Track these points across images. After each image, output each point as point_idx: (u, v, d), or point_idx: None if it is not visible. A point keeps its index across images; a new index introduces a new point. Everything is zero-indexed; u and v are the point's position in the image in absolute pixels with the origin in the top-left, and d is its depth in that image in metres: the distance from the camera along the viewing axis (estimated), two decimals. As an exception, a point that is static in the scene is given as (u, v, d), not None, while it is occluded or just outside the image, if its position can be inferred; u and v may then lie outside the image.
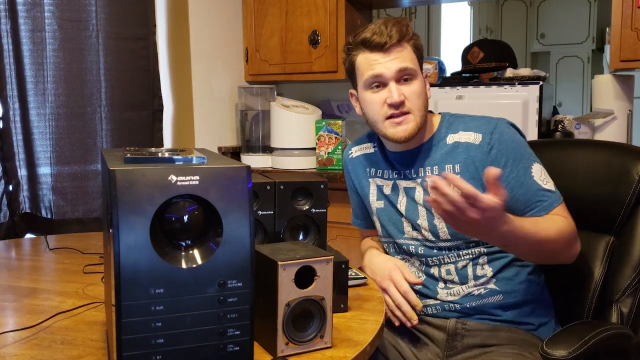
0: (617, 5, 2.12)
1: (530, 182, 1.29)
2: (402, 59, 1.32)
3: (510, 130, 1.35)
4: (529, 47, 6.10)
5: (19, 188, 2.13)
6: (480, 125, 1.35)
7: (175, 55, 2.60)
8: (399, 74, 1.32)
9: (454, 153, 1.35)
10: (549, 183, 1.31)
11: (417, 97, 1.34)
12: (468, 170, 1.33)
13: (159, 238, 0.76)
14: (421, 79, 1.36)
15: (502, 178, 1.21)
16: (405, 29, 1.33)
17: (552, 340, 1.13)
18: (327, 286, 0.95)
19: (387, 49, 1.32)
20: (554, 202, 1.29)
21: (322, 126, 2.52)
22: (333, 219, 2.35)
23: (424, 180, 1.37)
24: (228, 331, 0.80)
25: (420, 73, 1.36)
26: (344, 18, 2.60)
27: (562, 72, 5.94)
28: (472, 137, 1.34)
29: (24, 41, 2.07)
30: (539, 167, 1.32)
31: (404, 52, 1.33)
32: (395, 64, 1.32)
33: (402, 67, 1.32)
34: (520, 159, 1.31)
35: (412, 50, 1.35)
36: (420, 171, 1.39)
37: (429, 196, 1.18)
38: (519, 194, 1.29)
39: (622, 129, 2.31)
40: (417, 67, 1.35)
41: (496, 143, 1.31)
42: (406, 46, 1.34)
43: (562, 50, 5.93)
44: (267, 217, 1.14)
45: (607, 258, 1.39)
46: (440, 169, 1.36)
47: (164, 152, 0.88)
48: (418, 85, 1.34)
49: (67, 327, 1.05)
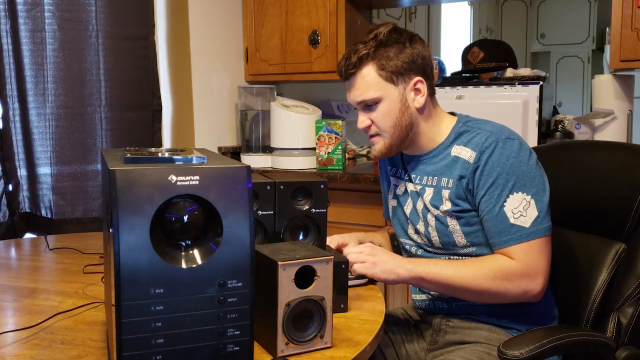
0: (617, 5, 2.11)
1: (497, 212, 1.27)
2: (361, 90, 1.34)
3: (507, 152, 1.28)
4: (529, 47, 6.10)
5: (19, 188, 2.13)
6: (479, 143, 1.31)
7: (175, 55, 2.60)
8: (360, 104, 1.36)
9: (453, 167, 1.34)
10: (521, 218, 1.26)
11: (383, 119, 1.34)
12: (457, 188, 1.32)
13: (159, 238, 0.76)
14: (390, 99, 1.34)
15: (477, 198, 1.30)
16: (363, 51, 1.32)
17: (511, 341, 1.15)
18: (327, 286, 0.95)
19: (346, 80, 1.37)
20: (511, 240, 1.26)
21: (322, 126, 2.52)
22: (333, 219, 2.35)
23: (425, 187, 1.38)
24: (228, 331, 0.80)
25: (389, 92, 1.33)
26: (344, 18, 2.60)
27: (562, 72, 5.94)
28: (468, 154, 1.32)
29: (24, 41, 2.07)
30: (520, 198, 1.26)
31: (364, 80, 1.33)
32: (355, 96, 1.36)
33: (360, 100, 1.35)
34: (498, 186, 1.27)
35: (375, 71, 1.33)
36: (424, 179, 1.39)
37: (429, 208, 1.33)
38: (485, 220, 1.29)
39: (622, 129, 2.31)
40: (381, 90, 1.33)
41: (482, 164, 1.28)
42: (367, 71, 1.33)
43: (562, 50, 5.93)
44: (267, 217, 1.13)
45: (614, 265, 1.35)
46: (438, 180, 1.36)
47: (164, 152, 0.88)
48: (384, 108, 1.34)
49: (67, 327, 1.05)
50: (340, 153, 2.50)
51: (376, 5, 2.99)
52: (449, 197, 1.33)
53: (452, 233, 1.34)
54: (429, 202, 1.36)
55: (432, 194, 1.36)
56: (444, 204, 1.34)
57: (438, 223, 1.35)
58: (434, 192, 1.36)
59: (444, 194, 1.34)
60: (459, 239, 1.34)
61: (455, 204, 1.32)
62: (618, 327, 1.28)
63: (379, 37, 1.33)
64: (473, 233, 1.33)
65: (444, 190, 1.34)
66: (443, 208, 1.34)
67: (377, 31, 1.34)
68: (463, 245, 1.34)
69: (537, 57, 6.16)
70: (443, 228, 1.35)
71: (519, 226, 1.25)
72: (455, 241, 1.34)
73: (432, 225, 1.37)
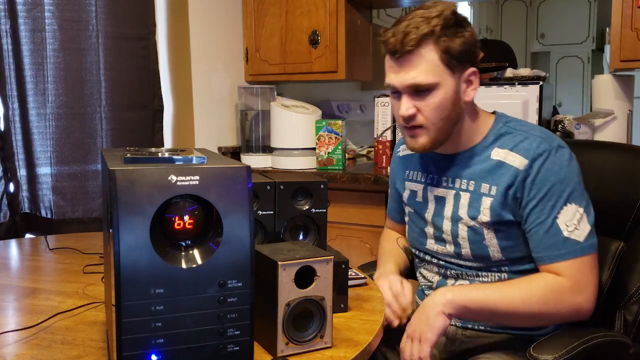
0: (617, 5, 2.12)
1: (550, 225, 1.18)
2: (417, 72, 1.18)
3: (560, 160, 1.20)
4: (529, 47, 6.10)
5: (19, 188, 2.13)
6: (530, 149, 1.21)
7: (175, 55, 2.60)
8: (409, 88, 1.21)
9: (496, 173, 1.23)
10: (576, 231, 1.17)
11: (433, 110, 1.21)
12: (503, 197, 1.21)
13: (159, 238, 0.76)
14: (446, 87, 1.20)
15: (527, 209, 1.19)
16: (428, 28, 1.17)
17: (540, 345, 1.12)
18: (327, 286, 0.95)
19: (399, 57, 1.20)
20: (565, 255, 1.17)
21: (322, 126, 2.52)
22: (333, 219, 2.35)
23: (459, 192, 1.27)
24: (228, 331, 0.80)
25: (446, 79, 1.20)
26: (344, 18, 2.60)
27: (562, 72, 5.94)
28: (518, 161, 1.21)
29: (24, 41, 2.07)
30: (573, 210, 1.18)
31: (423, 60, 1.18)
32: (405, 79, 1.20)
33: (412, 83, 1.19)
34: (552, 197, 1.18)
35: (436, 54, 1.18)
36: (457, 182, 1.29)
37: (461, 216, 1.24)
38: (533, 232, 1.20)
39: (622, 129, 2.31)
40: (439, 75, 1.19)
41: (534, 172, 1.19)
42: (426, 52, 1.18)
43: (562, 50, 5.93)
44: (267, 217, 1.13)
45: (615, 263, 1.35)
46: (477, 185, 1.25)
47: (164, 152, 0.88)
48: (438, 97, 1.20)
49: (67, 327, 1.05)
50: (340, 153, 2.50)
51: (376, 5, 2.99)
52: (491, 207, 1.22)
53: (488, 247, 1.24)
54: (464, 210, 1.26)
55: (469, 201, 1.25)
56: (482, 214, 1.23)
57: (472, 234, 1.25)
58: (470, 198, 1.25)
59: (485, 202, 1.23)
60: (494, 254, 1.24)
61: (498, 215, 1.22)
62: (625, 325, 1.29)
63: (444, 15, 1.18)
64: (510, 248, 1.24)
65: (485, 198, 1.23)
66: (482, 219, 1.23)
67: (440, 8, 1.19)
68: (497, 260, 1.25)
69: (537, 57, 6.16)
70: (478, 240, 1.25)
71: (573, 240, 1.17)
72: (489, 255, 1.25)
73: (463, 236, 1.27)
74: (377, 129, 2.56)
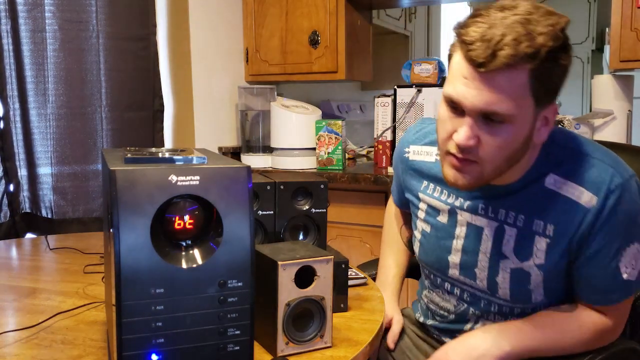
0: (617, 5, 2.12)
1: (613, 268, 1.02)
2: (497, 98, 0.92)
3: (634, 197, 1.01)
4: (529, 47, 6.08)
5: (20, 188, 2.13)
6: (600, 182, 0.99)
7: (175, 55, 2.60)
8: (480, 112, 0.95)
9: (552, 208, 1.02)
10: (632, 271, 1.03)
11: (498, 147, 0.96)
12: (564, 239, 1.02)
13: (159, 238, 0.76)
14: (522, 123, 0.95)
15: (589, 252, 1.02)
16: (532, 49, 0.89)
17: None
18: (327, 286, 0.95)
19: (482, 71, 0.92)
20: (620, 298, 1.05)
21: (322, 126, 2.52)
22: (333, 219, 2.36)
23: (503, 225, 1.06)
24: (228, 331, 0.80)
25: (526, 113, 0.95)
26: (344, 18, 2.61)
27: (562, 72, 5.93)
28: (584, 196, 1.00)
29: (25, 41, 2.07)
30: (635, 250, 1.02)
31: (509, 85, 0.91)
32: (481, 101, 0.93)
33: (486, 109, 0.93)
34: (619, 237, 1.01)
35: (529, 80, 0.92)
36: (500, 212, 1.07)
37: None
38: (591, 275, 1.04)
39: (621, 129, 2.31)
40: (521, 107, 0.93)
41: (607, 212, 0.99)
42: (519, 75, 0.91)
43: (562, 50, 5.92)
44: (267, 217, 1.14)
45: None
46: (527, 221, 1.04)
47: (164, 152, 0.88)
48: (509, 133, 0.95)
49: (67, 327, 1.05)
50: (340, 153, 2.50)
51: (376, 6, 2.99)
52: (548, 251, 1.03)
53: (533, 290, 1.08)
54: (509, 248, 1.07)
55: (517, 238, 1.06)
56: (535, 257, 1.05)
57: (516, 276, 1.07)
58: (519, 235, 1.06)
59: (539, 243, 1.04)
60: (537, 297, 1.08)
61: (555, 260, 1.04)
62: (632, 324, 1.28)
63: (555, 34, 0.91)
64: (556, 290, 1.08)
65: (539, 238, 1.04)
66: (534, 261, 1.05)
67: (552, 21, 0.91)
68: (537, 302, 1.10)
69: (537, 57, 6.14)
70: (523, 283, 1.07)
71: (628, 281, 1.03)
72: (531, 298, 1.09)
73: (504, 277, 1.08)
74: (377, 129, 2.56)
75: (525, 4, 0.94)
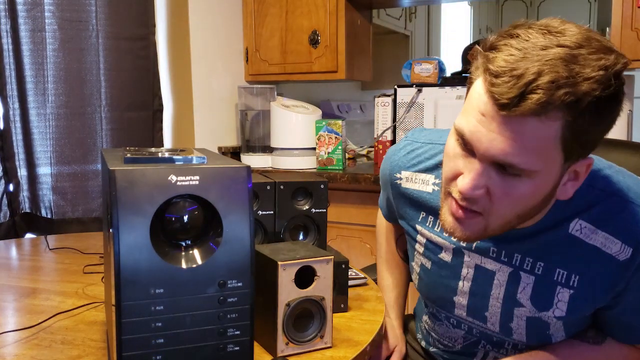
0: (617, 5, 2.12)
1: None
2: (516, 148, 0.76)
3: None
4: (529, 47, 6.09)
5: (19, 188, 2.13)
6: (634, 231, 0.86)
7: (175, 55, 2.60)
8: (494, 160, 0.79)
9: (578, 258, 0.89)
10: None
11: (511, 203, 0.82)
12: (591, 291, 0.90)
13: (159, 238, 0.76)
14: (545, 177, 0.80)
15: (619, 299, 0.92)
16: (573, 97, 0.72)
17: None
18: (327, 286, 0.95)
19: (504, 114, 0.75)
20: None
21: (322, 126, 2.52)
22: (333, 219, 2.36)
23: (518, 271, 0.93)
24: (228, 331, 0.80)
25: (551, 169, 0.79)
26: (344, 18, 2.61)
27: (562, 72, 5.94)
28: (614, 247, 0.86)
29: (24, 41, 2.07)
30: None
31: (533, 136, 0.75)
32: (498, 149, 0.77)
33: (501, 159, 0.78)
34: None
35: (560, 132, 0.75)
36: (515, 257, 0.94)
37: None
38: (623, 318, 0.94)
39: (622, 128, 2.30)
40: (546, 161, 0.77)
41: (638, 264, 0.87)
42: (548, 126, 0.74)
43: (562, 50, 5.92)
44: (267, 217, 1.13)
45: None
46: (547, 268, 0.91)
47: (164, 152, 0.88)
48: (526, 188, 0.80)
49: (67, 327, 1.05)
50: (340, 153, 2.50)
51: (376, 5, 2.99)
52: (571, 302, 0.92)
53: (551, 336, 0.98)
54: (525, 296, 0.95)
55: (534, 287, 0.94)
56: (556, 308, 0.93)
57: (533, 324, 0.97)
58: (537, 284, 0.93)
59: (562, 294, 0.92)
60: (557, 338, 0.99)
61: (579, 311, 0.93)
62: None
63: (605, 81, 0.74)
64: (579, 327, 0.99)
65: (562, 289, 0.92)
66: (554, 313, 0.94)
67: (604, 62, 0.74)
68: (558, 340, 1.00)
69: (537, 57, 6.15)
70: (541, 329, 0.97)
71: None
72: (551, 340, 1.00)
73: (519, 324, 0.97)
74: (377, 129, 2.56)
75: (577, 31, 0.77)
